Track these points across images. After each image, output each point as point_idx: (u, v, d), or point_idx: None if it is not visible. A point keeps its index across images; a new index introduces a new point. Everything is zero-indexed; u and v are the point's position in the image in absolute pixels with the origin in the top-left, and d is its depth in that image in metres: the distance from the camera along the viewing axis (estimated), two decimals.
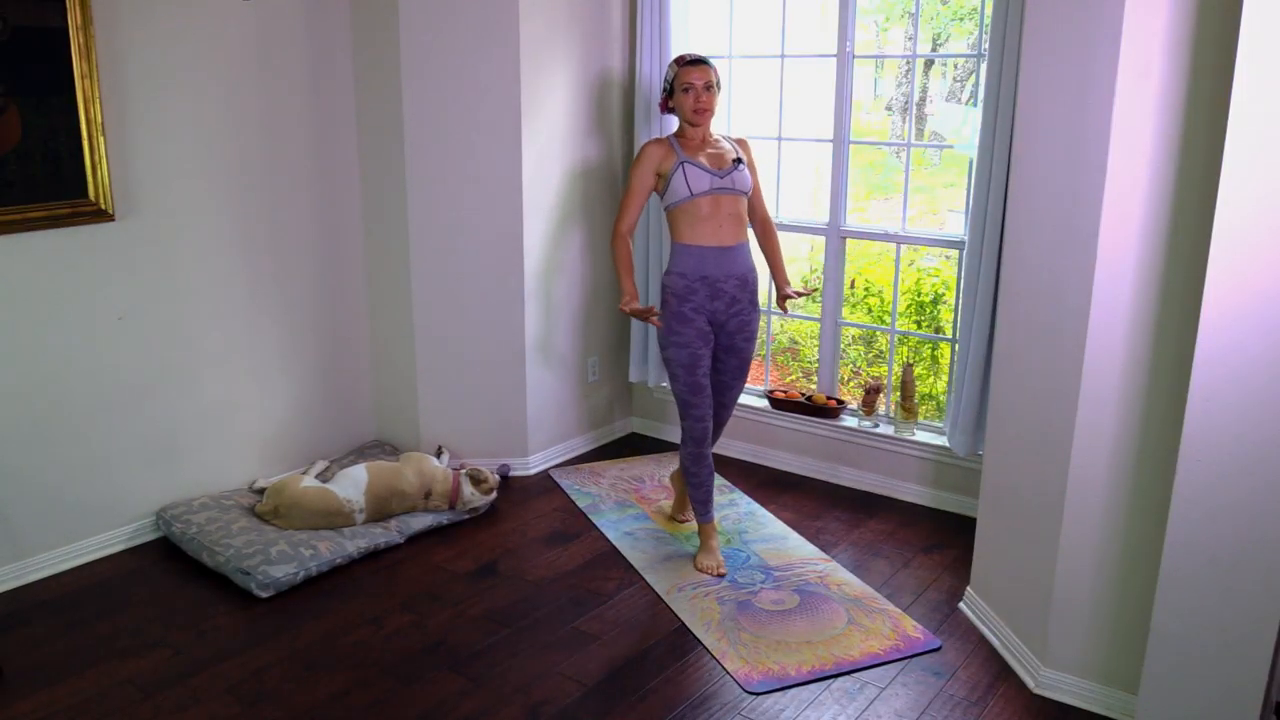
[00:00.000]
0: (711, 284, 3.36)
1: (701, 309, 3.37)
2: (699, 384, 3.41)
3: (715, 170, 3.35)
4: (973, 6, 5.85)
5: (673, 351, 3.40)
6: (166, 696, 2.81)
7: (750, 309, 3.46)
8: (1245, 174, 2.13)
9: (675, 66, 3.39)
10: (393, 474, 3.79)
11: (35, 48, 3.16)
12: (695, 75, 3.33)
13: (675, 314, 3.38)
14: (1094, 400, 2.62)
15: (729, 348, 3.47)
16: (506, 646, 3.08)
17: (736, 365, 3.52)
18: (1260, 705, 2.31)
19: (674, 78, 3.38)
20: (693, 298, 3.36)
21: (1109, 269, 2.54)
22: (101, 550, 3.58)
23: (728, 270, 3.37)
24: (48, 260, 3.32)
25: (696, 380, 3.40)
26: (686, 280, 3.36)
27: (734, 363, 3.51)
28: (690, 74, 3.34)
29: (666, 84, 3.43)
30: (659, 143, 3.42)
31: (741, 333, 3.46)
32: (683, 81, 3.34)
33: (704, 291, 3.36)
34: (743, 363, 3.53)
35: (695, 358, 3.38)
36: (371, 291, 4.32)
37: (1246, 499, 2.24)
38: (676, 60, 3.41)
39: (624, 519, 3.93)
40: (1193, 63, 2.34)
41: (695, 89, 3.33)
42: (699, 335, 3.38)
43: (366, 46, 4.05)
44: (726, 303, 3.39)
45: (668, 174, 3.36)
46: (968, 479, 3.94)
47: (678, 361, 3.39)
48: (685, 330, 3.37)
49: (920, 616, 3.26)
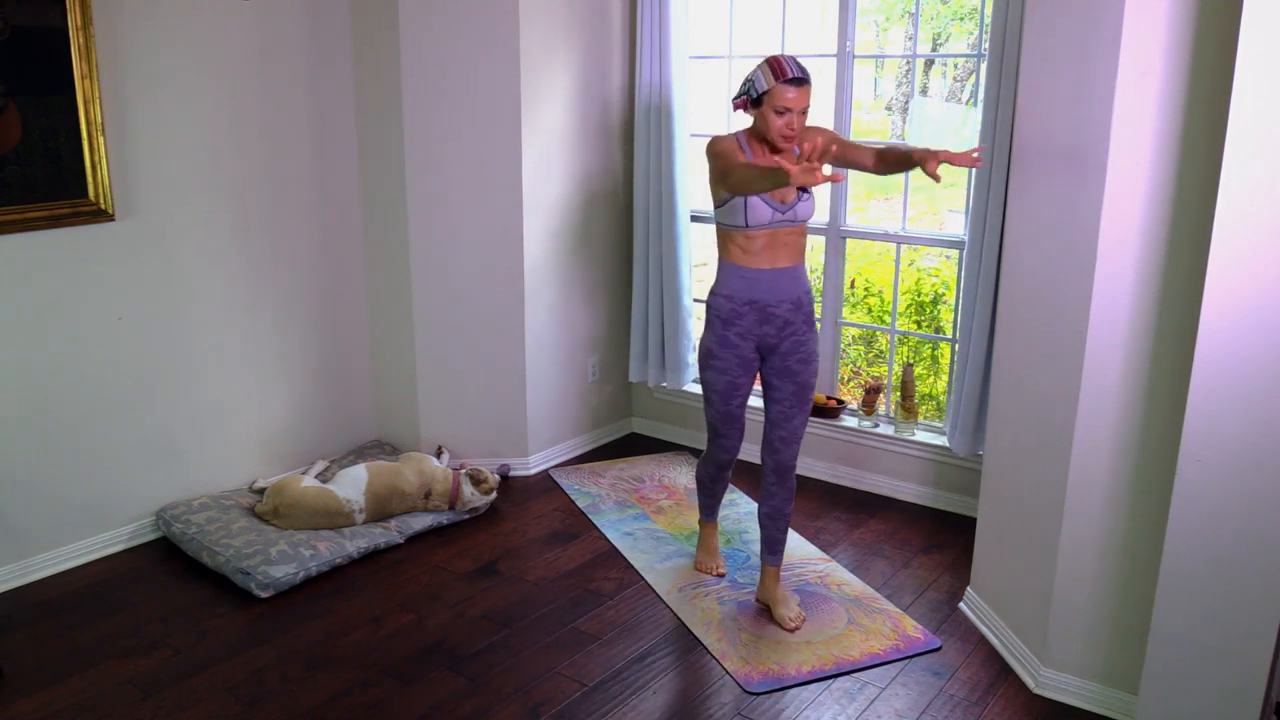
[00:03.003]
0: (761, 308, 3.01)
1: (748, 334, 3.04)
2: (733, 414, 3.15)
3: (779, 204, 2.93)
4: (973, 6, 5.84)
5: (711, 375, 3.11)
6: (166, 696, 2.81)
7: (806, 329, 3.08)
8: (1245, 174, 2.13)
9: (772, 77, 2.83)
10: (393, 474, 3.79)
11: (35, 48, 3.16)
12: (796, 98, 2.83)
13: (719, 337, 3.06)
14: (1094, 400, 2.62)
15: (782, 370, 3.08)
16: (506, 646, 3.08)
17: (794, 391, 3.09)
18: (1260, 705, 2.31)
19: (767, 91, 2.85)
20: (739, 322, 3.04)
21: (1109, 269, 2.54)
22: (101, 550, 3.58)
23: (780, 294, 3.02)
24: (48, 260, 3.32)
25: (730, 410, 3.14)
26: (733, 304, 3.03)
27: (790, 388, 3.09)
28: (789, 95, 2.82)
29: (753, 91, 2.89)
30: (731, 138, 2.98)
31: (797, 354, 3.06)
32: (779, 102, 2.83)
33: (752, 316, 3.02)
34: (801, 388, 3.09)
35: (733, 386, 3.10)
36: (371, 291, 4.32)
37: (1246, 499, 2.24)
38: (773, 68, 2.84)
39: (624, 519, 3.93)
40: (1193, 62, 2.34)
41: (792, 114, 2.85)
42: (741, 363, 3.07)
43: (366, 47, 4.05)
44: (778, 326, 3.04)
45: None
46: (968, 479, 3.94)
47: (714, 387, 3.12)
48: (727, 355, 3.06)
49: (920, 616, 3.26)
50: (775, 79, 2.83)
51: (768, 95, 2.85)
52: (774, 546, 3.23)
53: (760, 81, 2.87)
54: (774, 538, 3.22)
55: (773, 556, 3.24)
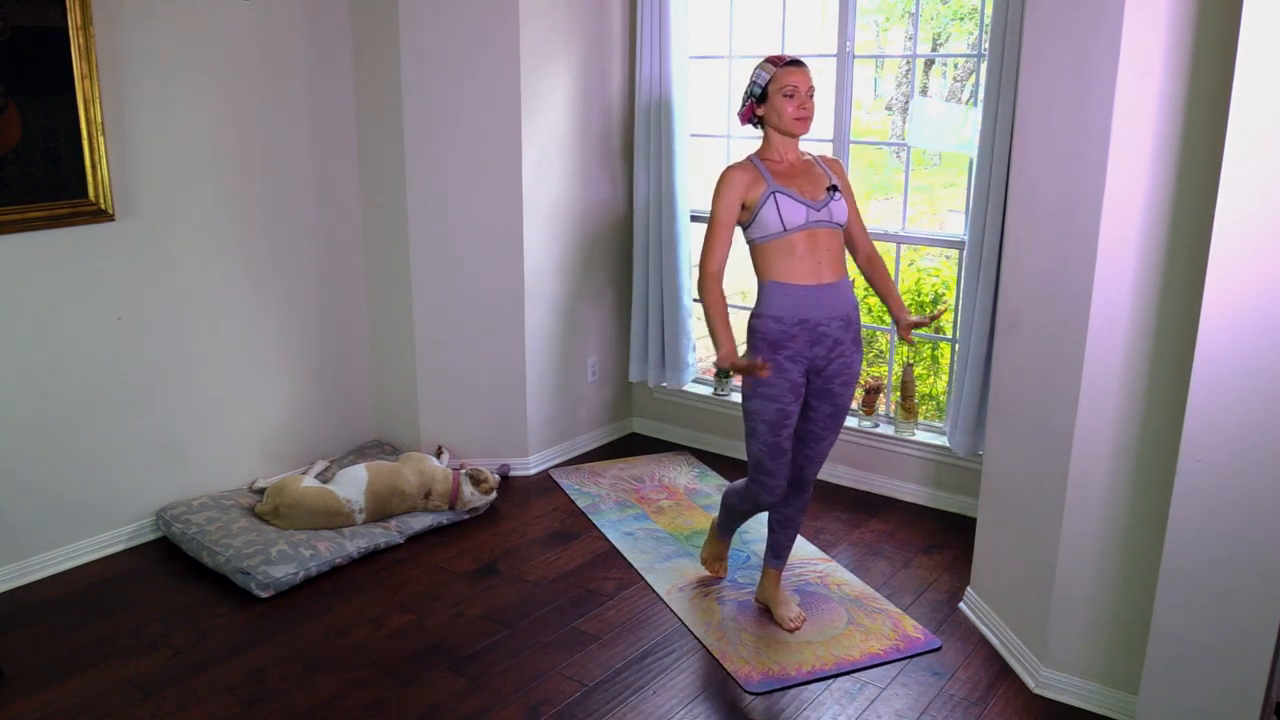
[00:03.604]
0: (812, 328, 2.85)
1: (799, 357, 2.87)
2: (780, 447, 2.93)
3: (810, 201, 2.84)
4: (973, 6, 5.84)
5: (758, 404, 2.89)
6: (166, 696, 2.81)
7: (853, 349, 2.94)
8: (1245, 174, 2.13)
9: (771, 68, 2.87)
10: (393, 474, 3.79)
11: (35, 48, 3.16)
12: (799, 77, 2.84)
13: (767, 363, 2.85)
14: (1094, 400, 2.62)
15: (823, 393, 2.94)
16: (506, 646, 3.08)
17: (830, 414, 2.98)
18: (1260, 705, 2.31)
19: (769, 81, 2.85)
20: (789, 344, 2.85)
21: (1109, 268, 2.53)
22: (101, 550, 3.58)
23: (830, 310, 2.86)
24: (48, 260, 3.32)
25: (779, 442, 2.92)
26: (782, 325, 2.85)
27: (827, 410, 2.97)
28: (793, 75, 2.83)
29: (756, 89, 2.88)
30: (742, 168, 2.89)
31: (841, 376, 2.93)
32: (785, 84, 2.83)
33: (803, 337, 2.85)
34: (838, 410, 2.99)
35: (783, 415, 2.89)
36: (371, 291, 4.32)
37: (1246, 499, 2.24)
38: (771, 61, 2.89)
39: (624, 519, 3.93)
40: (1193, 62, 2.34)
41: (800, 93, 2.83)
42: (792, 389, 2.88)
43: (366, 46, 4.05)
44: (828, 346, 2.89)
45: (755, 204, 2.83)
46: (968, 479, 3.94)
47: (762, 417, 2.90)
48: (777, 382, 2.86)
49: (920, 616, 3.26)
50: (774, 65, 2.86)
51: (772, 82, 2.84)
52: (779, 551, 3.21)
53: (762, 74, 2.88)
54: (781, 543, 3.20)
55: (776, 560, 3.22)
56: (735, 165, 2.91)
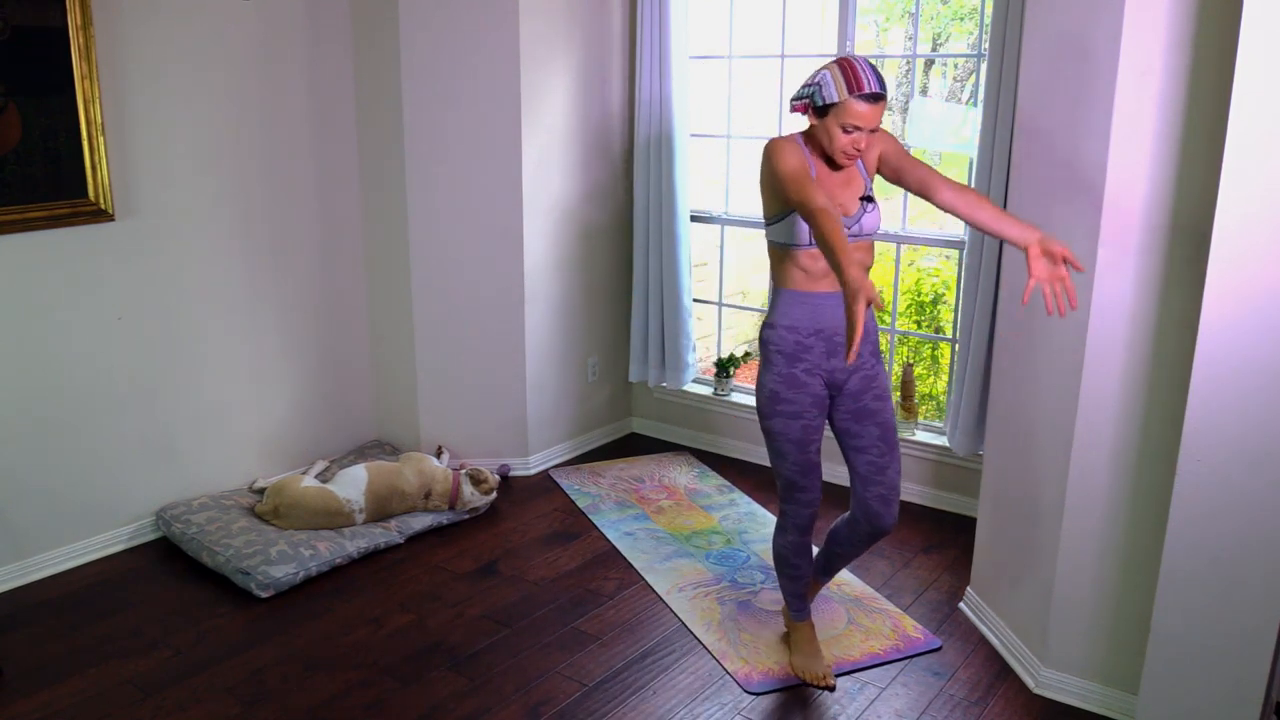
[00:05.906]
0: (829, 338, 2.66)
1: (817, 370, 2.68)
2: (811, 463, 2.75)
3: (844, 215, 2.60)
4: (973, 6, 5.84)
5: (779, 423, 2.70)
6: (166, 696, 2.81)
7: (874, 360, 2.75)
8: (1245, 174, 2.13)
9: (845, 88, 2.44)
10: (393, 474, 3.79)
11: (35, 48, 3.16)
12: (867, 117, 2.46)
13: (783, 377, 2.68)
14: (1094, 400, 2.62)
15: (859, 413, 2.73)
16: (506, 646, 3.08)
17: (879, 435, 2.73)
18: (1260, 705, 2.31)
19: (836, 103, 2.46)
20: (806, 356, 2.67)
21: (1109, 268, 2.53)
22: (101, 550, 3.58)
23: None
24: (48, 260, 3.32)
25: (809, 459, 2.75)
26: (798, 335, 2.66)
27: (874, 431, 2.73)
28: (861, 111, 2.44)
29: (819, 99, 2.49)
30: (796, 147, 2.57)
31: (870, 390, 2.72)
32: (848, 118, 2.45)
33: (820, 348, 2.66)
34: (884, 429, 2.74)
35: (809, 431, 2.71)
36: (371, 291, 4.32)
37: (1246, 499, 2.24)
38: (847, 76, 2.45)
39: (624, 519, 3.93)
40: (1193, 61, 2.34)
41: (861, 133, 2.49)
42: (814, 402, 2.69)
43: (366, 46, 4.05)
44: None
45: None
46: (968, 479, 3.94)
47: (786, 436, 2.70)
48: (798, 397, 2.68)
49: (920, 616, 3.26)
50: (848, 91, 2.44)
51: (835, 108, 2.46)
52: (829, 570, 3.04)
53: (830, 89, 2.46)
54: (834, 566, 3.01)
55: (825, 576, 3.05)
56: (786, 138, 2.61)
